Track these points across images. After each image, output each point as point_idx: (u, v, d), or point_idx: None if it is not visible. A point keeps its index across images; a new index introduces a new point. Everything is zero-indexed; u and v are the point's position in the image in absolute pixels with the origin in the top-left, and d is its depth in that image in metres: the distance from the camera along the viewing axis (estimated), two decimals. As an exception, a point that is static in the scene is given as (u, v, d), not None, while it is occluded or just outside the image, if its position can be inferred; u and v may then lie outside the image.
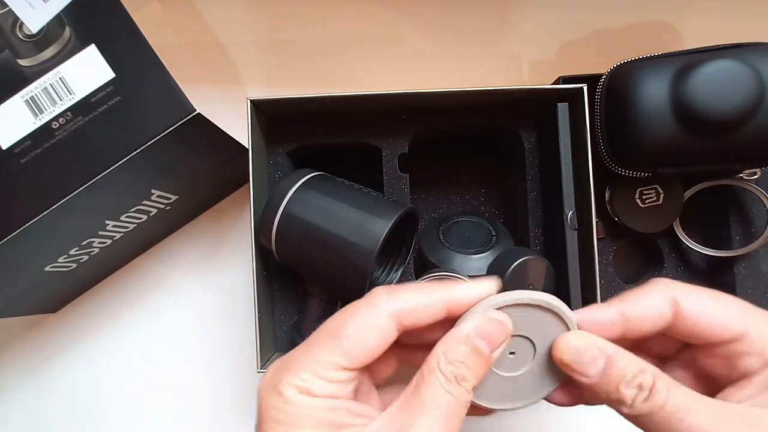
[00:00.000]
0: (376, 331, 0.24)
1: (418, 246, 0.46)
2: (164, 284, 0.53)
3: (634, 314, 0.25)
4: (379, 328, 0.24)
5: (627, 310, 0.25)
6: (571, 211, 0.41)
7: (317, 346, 0.24)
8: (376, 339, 0.24)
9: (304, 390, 0.23)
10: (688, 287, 0.25)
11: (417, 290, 0.25)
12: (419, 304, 0.25)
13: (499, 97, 0.44)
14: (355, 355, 0.23)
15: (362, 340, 0.24)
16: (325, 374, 0.23)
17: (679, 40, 0.53)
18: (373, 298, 0.25)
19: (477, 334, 0.24)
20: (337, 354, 0.23)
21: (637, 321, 0.25)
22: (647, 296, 0.25)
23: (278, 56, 0.53)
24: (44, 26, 0.36)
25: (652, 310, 0.25)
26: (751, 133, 0.39)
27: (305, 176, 0.41)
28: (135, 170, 0.37)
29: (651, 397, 0.23)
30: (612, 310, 0.25)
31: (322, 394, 0.23)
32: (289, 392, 0.23)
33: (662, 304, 0.25)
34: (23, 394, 0.52)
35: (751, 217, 0.48)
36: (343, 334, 0.24)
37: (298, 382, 0.23)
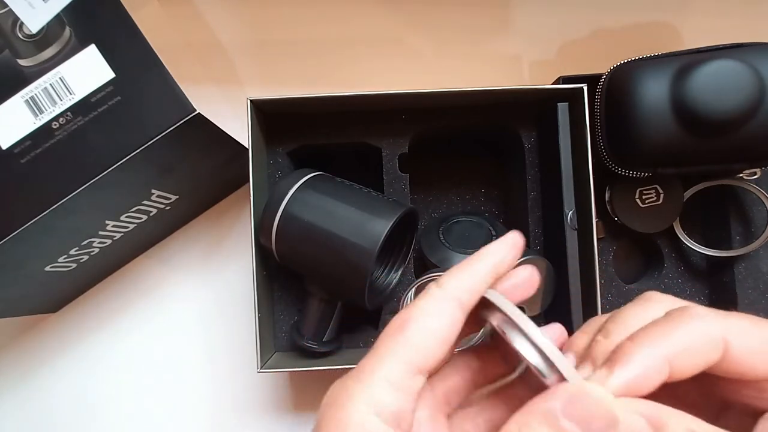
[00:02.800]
0: (444, 315, 0.21)
1: (418, 246, 0.46)
2: (164, 284, 0.53)
3: (677, 365, 0.19)
4: (445, 311, 0.21)
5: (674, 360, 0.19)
6: (571, 211, 0.41)
7: (383, 348, 0.20)
8: (446, 323, 0.21)
9: (374, 403, 0.19)
10: (736, 320, 0.20)
11: (467, 269, 0.22)
12: (475, 285, 0.21)
13: (499, 97, 0.44)
14: (427, 346, 0.20)
15: (432, 328, 0.20)
16: (397, 380, 0.20)
17: (679, 40, 0.53)
18: (430, 288, 0.22)
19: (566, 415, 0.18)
20: (407, 349, 0.20)
21: (678, 371, 0.19)
22: (693, 336, 0.19)
23: (278, 56, 0.53)
24: (44, 26, 0.36)
25: (701, 356, 0.19)
26: (751, 133, 0.39)
27: (305, 176, 0.41)
28: (135, 170, 0.37)
29: None
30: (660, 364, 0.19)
31: (391, 410, 0.19)
32: (355, 410, 0.19)
33: (712, 347, 0.19)
34: (23, 394, 0.52)
35: (751, 217, 0.48)
36: (408, 326, 0.21)
37: (368, 394, 0.19)
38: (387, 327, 0.21)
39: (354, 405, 0.19)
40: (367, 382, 0.20)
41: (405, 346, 0.20)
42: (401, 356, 0.20)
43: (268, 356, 0.43)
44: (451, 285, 0.21)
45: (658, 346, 0.19)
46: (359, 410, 0.19)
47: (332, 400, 0.20)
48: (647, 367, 0.19)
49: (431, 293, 0.22)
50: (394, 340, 0.20)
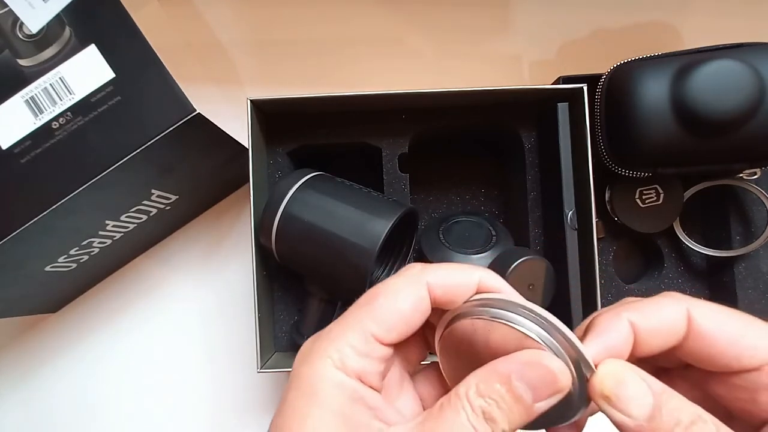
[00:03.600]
0: (410, 298, 0.22)
1: (418, 246, 0.46)
2: (164, 284, 0.53)
3: (644, 326, 0.21)
4: (412, 294, 0.22)
5: (637, 320, 0.21)
6: (571, 211, 0.41)
7: (351, 317, 0.23)
8: (410, 305, 0.22)
9: (338, 362, 0.21)
10: (704, 302, 0.22)
11: (450, 265, 0.24)
12: (453, 276, 0.23)
13: (499, 97, 0.44)
14: (388, 322, 0.22)
15: (395, 307, 0.22)
16: (361, 346, 0.22)
17: (679, 40, 0.53)
18: (406, 269, 0.24)
19: (519, 377, 0.20)
20: (370, 321, 0.22)
21: (647, 335, 0.21)
22: (657, 306, 0.22)
23: (279, 56, 0.53)
24: (44, 26, 0.36)
25: (665, 322, 0.21)
26: (751, 133, 0.39)
27: (305, 176, 0.41)
28: (135, 170, 0.37)
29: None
30: (623, 325, 0.21)
31: (355, 370, 0.21)
32: (321, 364, 0.21)
33: (675, 315, 0.21)
34: (23, 394, 0.52)
35: (751, 217, 0.48)
36: (375, 302, 0.22)
37: (332, 353, 0.21)
38: (360, 297, 0.23)
39: (321, 360, 0.21)
40: (333, 345, 0.22)
41: (369, 318, 0.22)
42: (365, 327, 0.22)
43: (268, 356, 0.43)
44: (429, 272, 0.23)
45: (621, 312, 0.22)
46: (326, 365, 0.21)
47: (303, 357, 0.22)
48: (612, 330, 0.21)
49: (407, 273, 0.23)
50: (361, 311, 0.22)
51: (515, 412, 0.20)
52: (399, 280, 0.23)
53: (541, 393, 0.20)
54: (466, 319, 0.23)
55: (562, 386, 0.20)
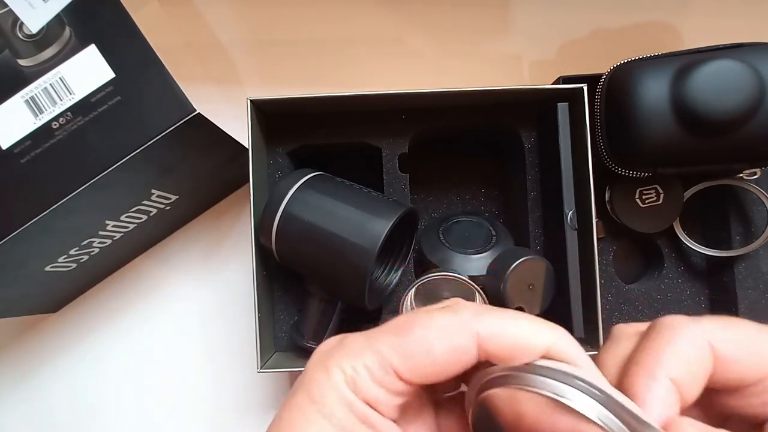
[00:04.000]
0: (448, 348, 0.19)
1: (418, 246, 0.46)
2: (164, 284, 0.53)
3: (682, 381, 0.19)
4: (452, 344, 0.19)
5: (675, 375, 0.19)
6: (571, 211, 0.41)
7: (381, 339, 0.20)
8: (445, 356, 0.19)
9: (350, 380, 0.19)
10: (716, 326, 0.20)
11: (515, 318, 0.20)
12: (514, 335, 0.19)
13: (499, 97, 0.44)
14: (414, 362, 0.19)
15: (426, 351, 0.19)
16: (379, 375, 0.19)
17: (679, 40, 0.53)
18: (456, 307, 0.20)
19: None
20: (394, 353, 0.19)
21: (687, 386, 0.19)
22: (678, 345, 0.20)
23: (279, 56, 0.53)
24: (44, 26, 0.36)
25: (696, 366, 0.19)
26: (751, 133, 0.39)
27: (305, 176, 0.41)
28: (135, 170, 0.37)
29: None
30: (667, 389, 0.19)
31: (366, 396, 0.19)
32: (336, 375, 0.19)
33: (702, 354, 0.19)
34: (23, 394, 0.52)
35: (751, 217, 0.48)
36: (408, 334, 0.19)
37: (348, 369, 0.19)
38: (399, 317, 0.21)
39: (335, 371, 0.19)
40: (350, 361, 0.20)
41: (394, 349, 0.19)
42: (386, 356, 0.19)
43: (268, 356, 0.43)
44: (483, 321, 0.19)
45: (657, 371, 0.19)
46: (338, 378, 0.19)
47: (321, 359, 0.20)
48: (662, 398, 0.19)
49: (457, 315, 0.20)
50: (389, 337, 0.20)
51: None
52: (446, 321, 0.19)
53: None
54: (508, 387, 0.19)
55: None
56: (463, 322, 0.19)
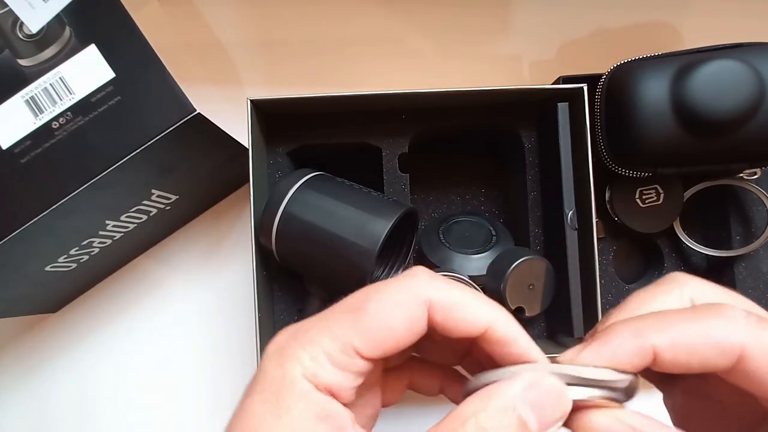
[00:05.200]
0: (404, 313, 0.19)
1: (418, 246, 0.46)
2: (164, 284, 0.53)
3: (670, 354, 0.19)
4: (408, 312, 0.19)
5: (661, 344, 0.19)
6: (571, 211, 0.41)
7: (334, 320, 0.20)
8: (403, 322, 0.19)
9: (309, 372, 0.19)
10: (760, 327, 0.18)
11: (462, 290, 0.20)
12: (459, 304, 0.20)
13: (499, 97, 0.44)
14: (375, 337, 0.19)
15: (386, 322, 0.19)
16: (340, 358, 0.19)
17: (679, 40, 0.53)
18: (408, 276, 0.20)
19: (526, 402, 0.18)
20: (354, 333, 0.19)
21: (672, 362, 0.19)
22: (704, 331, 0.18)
23: (278, 56, 0.53)
24: (44, 26, 0.36)
25: (707, 353, 0.18)
26: (751, 133, 0.39)
27: (305, 176, 0.41)
28: (135, 170, 0.37)
29: None
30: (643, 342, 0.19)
31: (326, 383, 0.19)
32: (293, 369, 0.19)
33: (721, 354, 0.18)
34: (23, 394, 0.52)
35: (751, 217, 0.48)
36: (365, 310, 0.19)
37: (306, 360, 0.19)
38: (349, 297, 0.20)
39: (292, 365, 0.19)
40: (308, 350, 0.19)
41: (354, 329, 0.19)
42: (347, 338, 0.19)
43: (268, 356, 0.43)
44: (434, 289, 0.20)
45: (645, 332, 0.19)
46: (296, 371, 0.19)
47: (275, 352, 0.20)
48: (622, 347, 0.19)
49: (408, 283, 0.20)
50: (347, 317, 0.20)
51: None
52: (397, 290, 0.20)
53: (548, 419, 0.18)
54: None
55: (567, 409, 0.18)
56: (417, 291, 0.20)
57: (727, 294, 0.21)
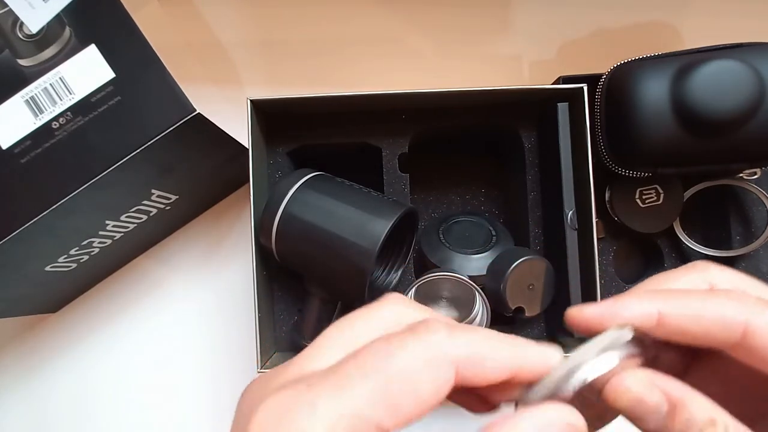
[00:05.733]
0: (432, 377, 0.17)
1: (418, 246, 0.46)
2: (164, 284, 0.53)
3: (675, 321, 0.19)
4: (436, 373, 0.17)
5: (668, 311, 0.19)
6: (571, 211, 0.41)
7: (348, 386, 0.16)
8: (431, 387, 0.17)
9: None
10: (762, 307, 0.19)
11: (481, 335, 0.19)
12: (485, 356, 0.18)
13: (499, 97, 0.44)
14: (400, 408, 0.16)
15: (413, 388, 0.16)
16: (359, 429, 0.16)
17: (679, 40, 0.53)
18: (426, 331, 0.18)
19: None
20: (376, 404, 0.16)
21: (674, 331, 0.19)
22: (709, 305, 0.19)
23: (278, 56, 0.53)
24: (44, 26, 0.36)
25: (710, 326, 0.19)
26: (751, 133, 0.39)
27: (305, 176, 0.41)
28: (135, 170, 0.37)
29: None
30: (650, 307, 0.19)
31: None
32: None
33: (726, 329, 0.18)
34: (23, 394, 0.52)
35: (751, 217, 0.48)
36: (385, 373, 0.16)
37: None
38: (360, 352, 0.17)
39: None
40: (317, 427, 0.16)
41: (379, 405, 0.16)
42: (366, 410, 0.16)
43: (268, 356, 0.43)
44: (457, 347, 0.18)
45: (655, 296, 0.20)
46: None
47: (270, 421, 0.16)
48: (628, 306, 0.20)
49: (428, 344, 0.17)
50: (362, 383, 0.16)
51: None
52: (422, 349, 0.17)
53: None
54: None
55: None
56: (440, 352, 0.17)
57: (748, 280, 0.21)
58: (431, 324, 0.18)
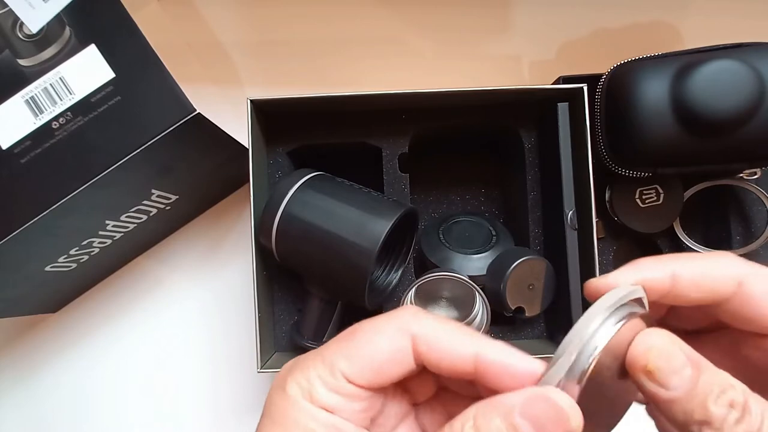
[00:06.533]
0: (387, 344, 0.20)
1: (418, 246, 0.46)
2: (164, 284, 0.53)
3: (687, 278, 0.21)
4: (390, 340, 0.20)
5: (681, 269, 0.21)
6: (571, 211, 0.41)
7: (328, 348, 0.21)
8: (385, 353, 0.20)
9: (306, 392, 0.20)
10: (758, 268, 0.21)
11: (446, 323, 0.21)
12: (444, 340, 0.20)
13: (499, 97, 0.44)
14: (359, 364, 0.20)
15: (368, 351, 0.20)
16: (330, 381, 0.20)
17: (679, 40, 0.53)
18: (395, 312, 0.22)
19: (522, 413, 0.18)
20: (342, 358, 0.20)
21: (687, 287, 0.21)
22: (710, 264, 0.21)
23: (279, 56, 0.53)
24: (44, 26, 0.36)
25: (712, 281, 0.21)
26: (751, 133, 0.39)
27: (305, 176, 0.41)
28: (135, 170, 0.37)
29: (744, 418, 0.18)
30: (664, 267, 0.21)
31: (323, 403, 0.20)
32: (292, 391, 0.21)
33: (725, 277, 0.21)
34: (23, 393, 0.52)
35: (751, 217, 0.48)
36: (352, 339, 0.21)
37: (302, 381, 0.21)
38: (344, 331, 0.22)
39: (291, 388, 0.21)
40: (304, 374, 0.21)
41: (341, 355, 0.21)
42: (335, 363, 0.21)
43: (268, 356, 0.43)
44: (419, 322, 0.21)
45: (665, 258, 0.22)
46: (296, 393, 0.20)
47: (278, 382, 0.22)
48: (647, 269, 0.21)
49: (397, 315, 0.21)
50: (338, 345, 0.21)
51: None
52: (384, 322, 0.21)
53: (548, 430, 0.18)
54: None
55: (572, 427, 0.18)
56: (401, 323, 0.21)
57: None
58: (403, 308, 0.22)
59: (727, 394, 0.19)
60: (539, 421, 0.18)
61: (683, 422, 0.19)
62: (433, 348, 0.21)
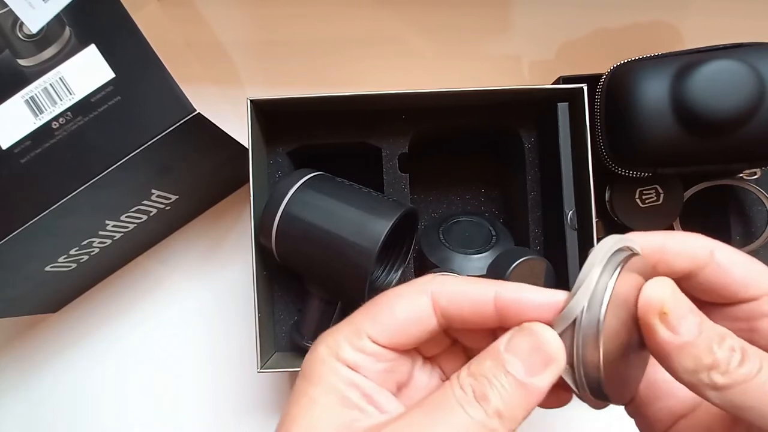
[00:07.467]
0: (407, 304, 0.22)
1: (418, 246, 0.46)
2: (164, 284, 0.53)
3: (673, 249, 0.23)
4: (410, 300, 0.22)
5: (668, 243, 0.23)
6: (571, 211, 0.41)
7: (356, 314, 0.23)
8: (406, 311, 0.22)
9: (333, 351, 0.22)
10: (724, 244, 0.24)
11: (462, 278, 0.23)
12: (462, 290, 0.22)
13: (499, 97, 0.44)
14: (382, 323, 0.22)
15: (391, 311, 0.22)
16: (355, 341, 0.22)
17: (679, 40, 0.53)
18: (417, 279, 0.23)
19: (507, 348, 0.20)
20: (368, 321, 0.22)
21: (673, 256, 0.23)
22: (688, 236, 0.23)
23: (278, 56, 0.53)
24: (44, 26, 0.36)
25: (692, 249, 0.23)
26: (751, 133, 0.39)
27: (305, 176, 0.41)
28: (135, 170, 0.37)
29: (744, 360, 0.19)
30: (655, 238, 0.23)
31: (347, 360, 0.22)
32: (321, 350, 0.22)
33: (702, 247, 0.23)
34: (23, 393, 0.52)
35: (751, 217, 0.48)
36: (376, 303, 0.23)
37: (331, 342, 0.22)
38: (373, 298, 0.24)
39: (319, 348, 0.22)
40: (332, 336, 0.23)
41: (366, 316, 0.22)
42: (359, 324, 0.22)
43: (268, 356, 0.43)
44: (436, 281, 0.22)
45: (651, 233, 0.23)
46: (323, 351, 0.22)
47: (312, 348, 0.23)
48: (639, 239, 0.22)
49: (415, 281, 0.23)
50: (363, 309, 0.23)
51: (508, 389, 0.19)
52: (405, 286, 0.23)
53: (535, 366, 0.19)
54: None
55: (553, 356, 0.19)
56: (420, 285, 0.22)
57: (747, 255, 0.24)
58: (424, 275, 0.23)
59: (726, 340, 0.19)
60: (523, 355, 0.19)
61: (693, 369, 0.19)
62: (453, 300, 0.22)
